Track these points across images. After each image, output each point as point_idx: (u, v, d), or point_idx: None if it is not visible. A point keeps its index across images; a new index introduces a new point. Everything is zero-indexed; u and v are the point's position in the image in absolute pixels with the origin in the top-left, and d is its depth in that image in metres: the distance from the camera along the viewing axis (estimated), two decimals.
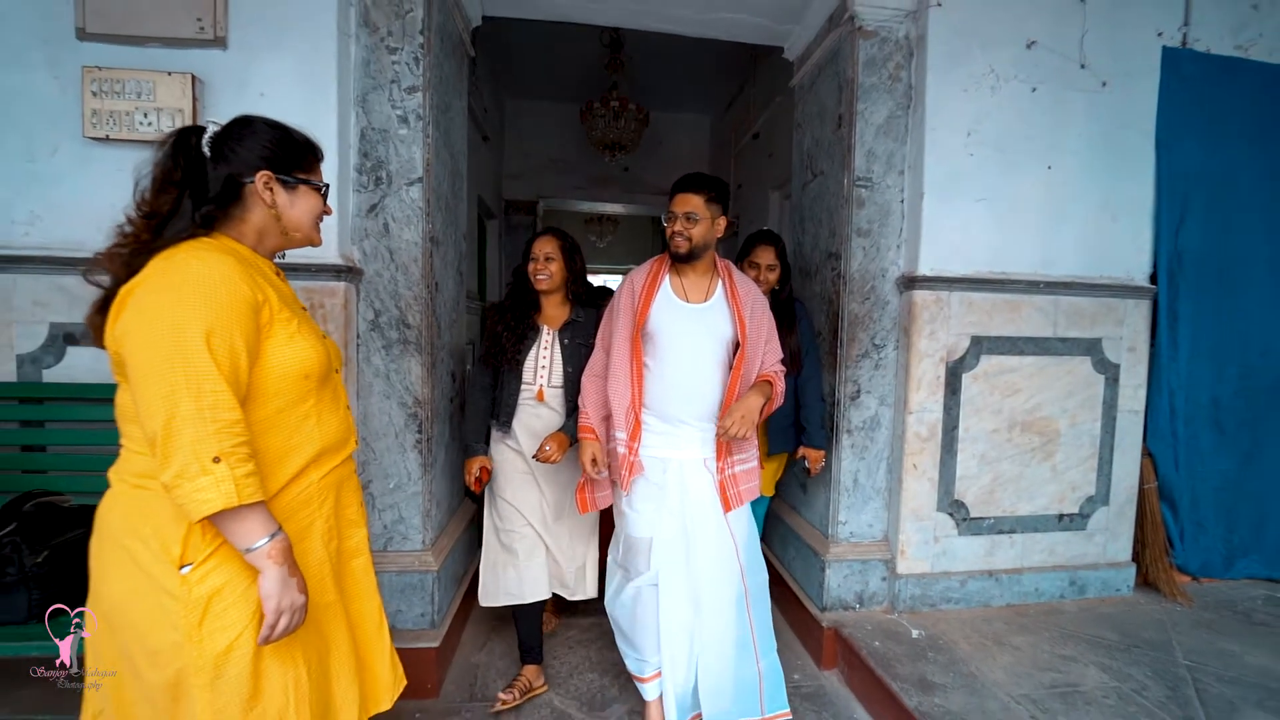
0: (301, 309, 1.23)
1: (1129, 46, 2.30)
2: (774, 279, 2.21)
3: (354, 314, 1.97)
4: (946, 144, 2.19)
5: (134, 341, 0.97)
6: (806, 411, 2.22)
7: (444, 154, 2.19)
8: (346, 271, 1.90)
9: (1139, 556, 2.51)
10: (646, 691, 1.82)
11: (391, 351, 2.01)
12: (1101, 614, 2.32)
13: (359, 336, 1.99)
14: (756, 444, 1.89)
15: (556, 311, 2.07)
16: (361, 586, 1.32)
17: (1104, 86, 2.29)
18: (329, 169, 1.78)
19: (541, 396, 2.01)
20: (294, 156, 1.17)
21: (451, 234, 2.34)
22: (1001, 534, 2.34)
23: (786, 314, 2.20)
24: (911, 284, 2.19)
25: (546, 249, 2.01)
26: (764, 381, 1.77)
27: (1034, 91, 2.24)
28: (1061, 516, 2.39)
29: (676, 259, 1.77)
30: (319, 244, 1.28)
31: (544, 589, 2.03)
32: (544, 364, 2.01)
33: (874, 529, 2.33)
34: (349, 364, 1.94)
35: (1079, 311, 2.32)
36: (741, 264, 2.22)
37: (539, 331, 2.03)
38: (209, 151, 1.10)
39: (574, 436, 1.88)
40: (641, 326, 1.75)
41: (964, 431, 2.27)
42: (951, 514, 2.30)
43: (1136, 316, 2.38)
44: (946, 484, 2.28)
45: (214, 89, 1.86)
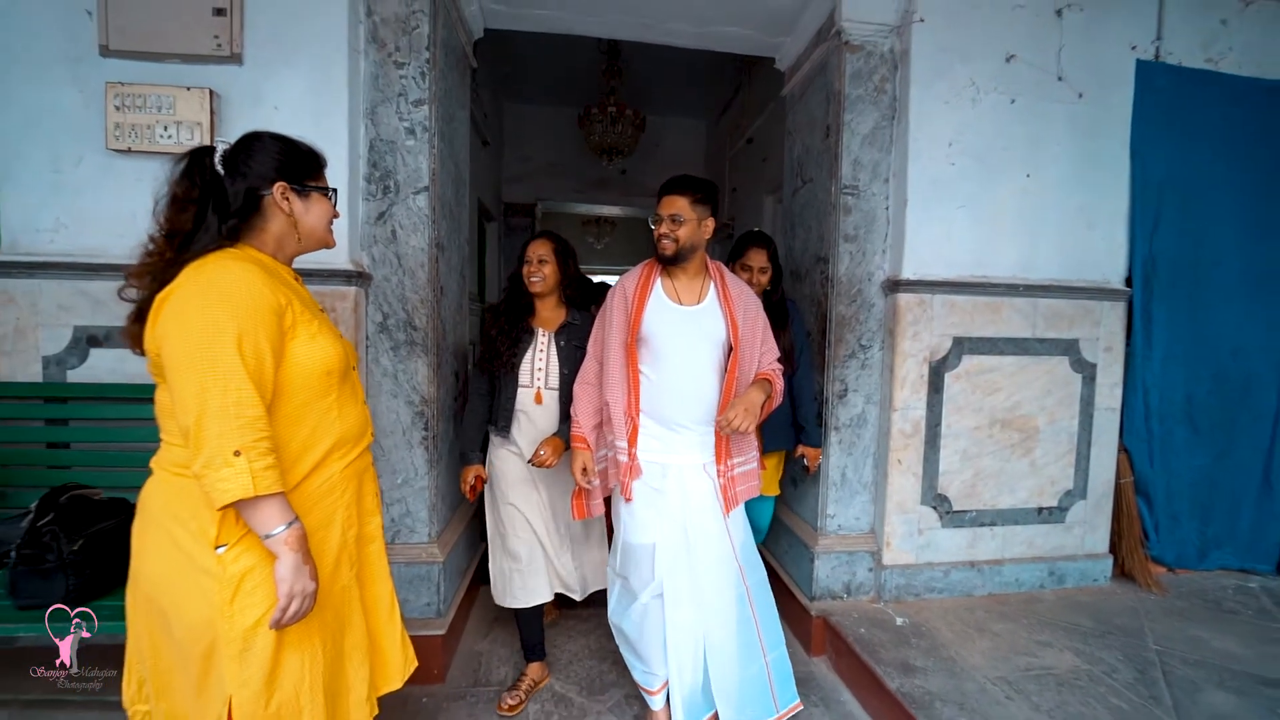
0: (320, 311, 1.32)
1: (1104, 60, 2.41)
2: (765, 281, 2.25)
3: (363, 317, 2.06)
4: (929, 153, 2.29)
5: (170, 344, 1.06)
6: (803, 410, 2.27)
7: (448, 163, 2.28)
8: (356, 276, 2.00)
9: (1116, 548, 2.62)
10: (653, 702, 1.82)
11: (399, 353, 2.11)
12: (1079, 603, 2.42)
13: (368, 338, 2.09)
14: (756, 444, 1.90)
15: (552, 314, 2.08)
16: (375, 571, 1.41)
17: (1080, 98, 2.39)
18: (340, 179, 1.89)
19: (539, 399, 2.01)
20: (304, 166, 1.26)
21: (455, 240, 2.43)
22: (983, 526, 2.45)
23: (779, 314, 2.22)
24: (896, 287, 2.29)
25: (540, 251, 2.03)
26: (763, 379, 1.77)
27: (1013, 103, 2.34)
28: (1041, 510, 2.50)
29: (663, 261, 1.77)
30: (333, 245, 1.36)
31: (545, 593, 2.05)
32: (540, 366, 2.02)
33: (861, 522, 2.43)
34: (358, 364, 2.04)
35: (1057, 313, 2.42)
36: (734, 265, 2.24)
37: (534, 334, 2.04)
38: (223, 169, 1.18)
39: (569, 442, 1.87)
40: (636, 331, 1.74)
41: (947, 428, 2.37)
42: (935, 507, 2.40)
43: (1112, 318, 2.49)
44: (930, 479, 2.38)
45: (230, 103, 1.95)
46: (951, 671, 1.94)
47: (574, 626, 2.50)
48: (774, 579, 2.58)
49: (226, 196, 1.17)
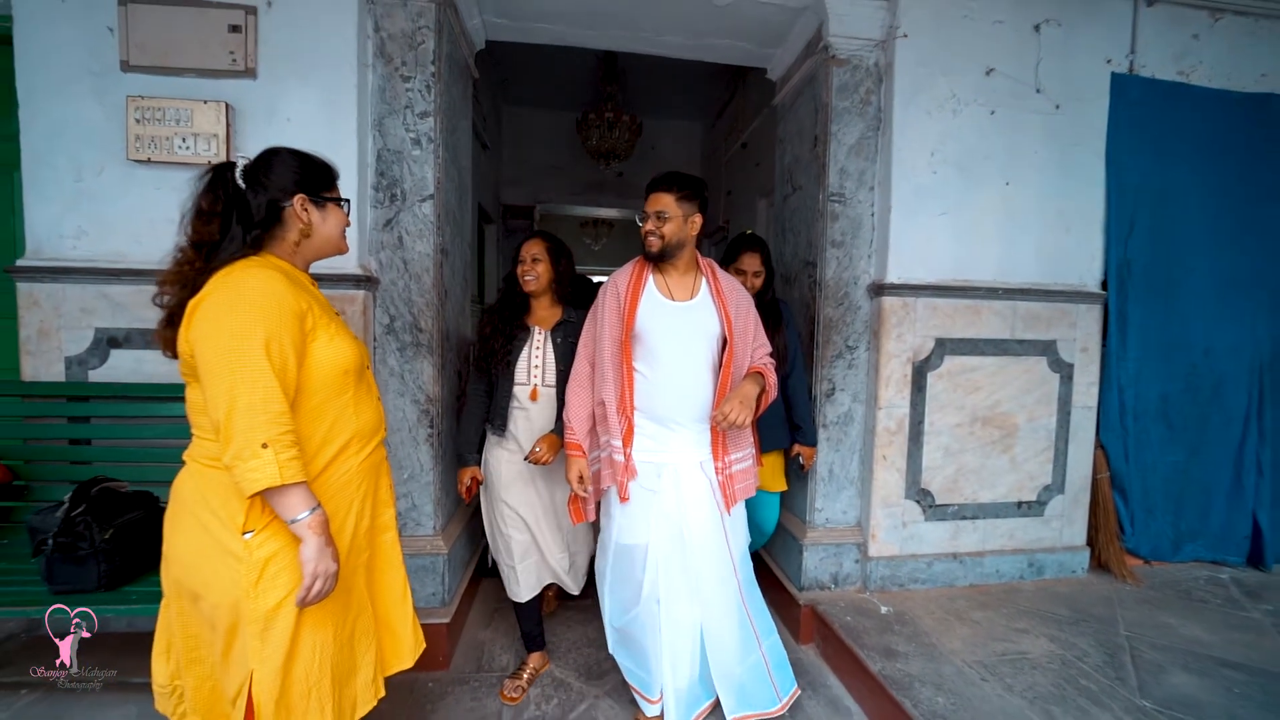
0: (335, 314, 1.42)
1: (1080, 72, 2.51)
2: (759, 284, 2.27)
3: (371, 319, 2.16)
4: (912, 163, 2.39)
5: (203, 347, 1.15)
6: (798, 410, 2.32)
7: (452, 171, 2.38)
8: (365, 280, 2.09)
9: (1093, 541, 2.73)
10: (647, 709, 1.83)
11: (405, 353, 2.20)
12: (1056, 593, 2.53)
13: (375, 340, 2.18)
14: (753, 440, 1.91)
15: (547, 313, 2.10)
16: (389, 558, 1.50)
17: (1057, 109, 2.50)
18: (349, 187, 1.99)
19: (535, 395, 2.04)
20: (320, 178, 1.35)
21: (459, 245, 2.53)
22: (965, 520, 2.56)
23: (772, 315, 2.26)
24: (881, 291, 2.40)
25: (533, 250, 2.05)
26: (754, 373, 1.77)
27: (993, 114, 2.44)
28: (1020, 504, 2.60)
29: (649, 258, 1.78)
30: (346, 251, 1.46)
31: (536, 588, 2.12)
32: (537, 364, 2.04)
33: (848, 515, 2.53)
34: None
35: (1035, 315, 2.53)
36: (727, 269, 2.24)
37: (530, 332, 2.07)
38: (244, 183, 1.27)
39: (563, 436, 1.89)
40: (630, 328, 1.73)
41: (929, 426, 2.48)
42: (918, 501, 2.51)
43: (1089, 320, 2.60)
44: (914, 474, 2.49)
45: (245, 115, 2.04)
46: (931, 656, 2.04)
47: (572, 616, 2.60)
48: (764, 570, 2.70)
49: (250, 208, 1.26)
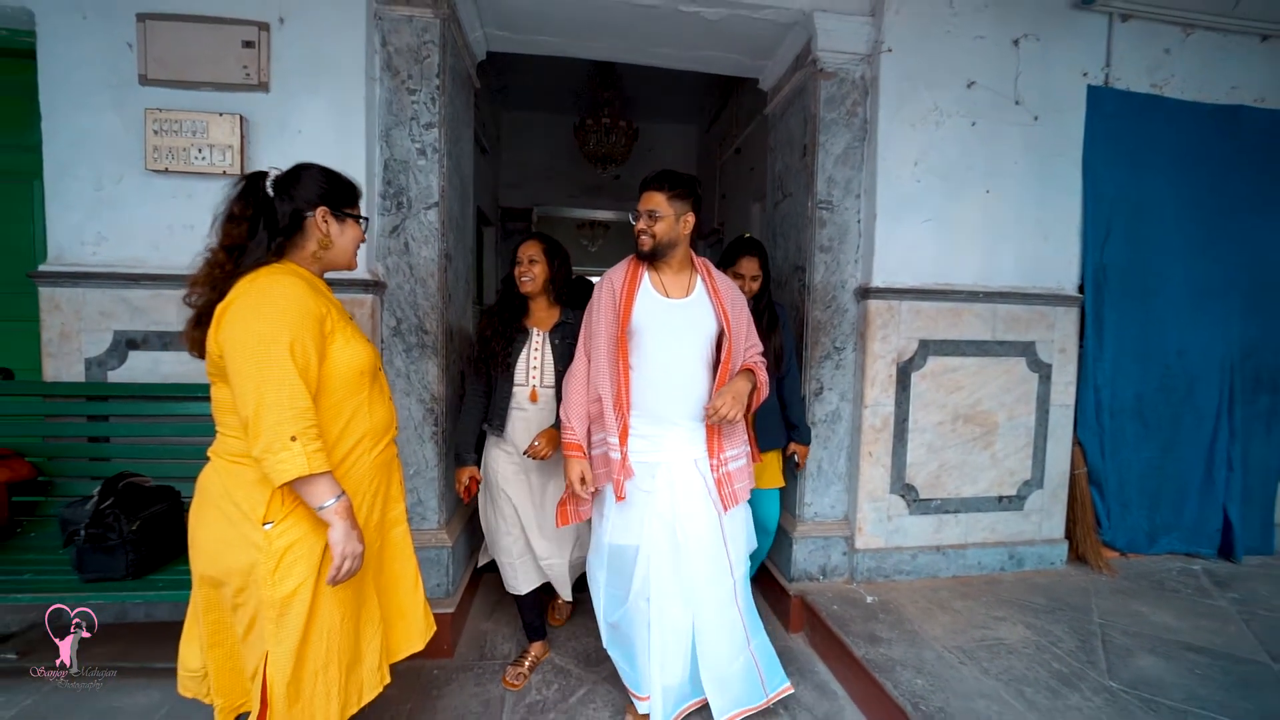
0: (351, 319, 1.51)
1: (1058, 85, 2.62)
2: (756, 288, 2.29)
3: (379, 322, 2.25)
4: (897, 172, 2.50)
5: (231, 349, 1.24)
6: (793, 410, 2.36)
7: (455, 180, 2.47)
8: (373, 285, 2.19)
9: (1071, 534, 2.84)
10: (640, 706, 1.84)
11: (411, 354, 2.30)
12: (1035, 584, 2.64)
13: (383, 341, 2.27)
14: (746, 438, 1.91)
15: (545, 314, 2.13)
16: (401, 550, 1.59)
17: (1036, 120, 2.61)
18: None
19: (534, 396, 2.06)
20: (343, 194, 1.45)
21: (461, 250, 2.63)
22: (947, 514, 2.67)
23: (769, 318, 2.30)
24: (867, 294, 2.50)
25: (530, 252, 2.08)
26: (746, 370, 1.79)
27: (974, 125, 2.55)
28: (1001, 498, 2.72)
29: (641, 257, 1.78)
30: (355, 268, 1.56)
31: (534, 582, 2.19)
32: (535, 365, 2.06)
33: (835, 510, 2.64)
34: None
35: (1015, 318, 2.64)
36: (725, 272, 2.20)
37: (528, 334, 2.09)
38: (273, 192, 1.37)
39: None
40: (626, 324, 1.73)
41: (913, 423, 2.59)
42: (903, 496, 2.61)
43: (1066, 322, 2.71)
44: (898, 470, 2.60)
45: (258, 127, 2.14)
46: (913, 642, 2.15)
47: (572, 608, 2.70)
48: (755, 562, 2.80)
49: (276, 216, 1.35)
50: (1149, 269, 2.79)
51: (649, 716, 1.80)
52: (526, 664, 2.21)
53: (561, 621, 2.53)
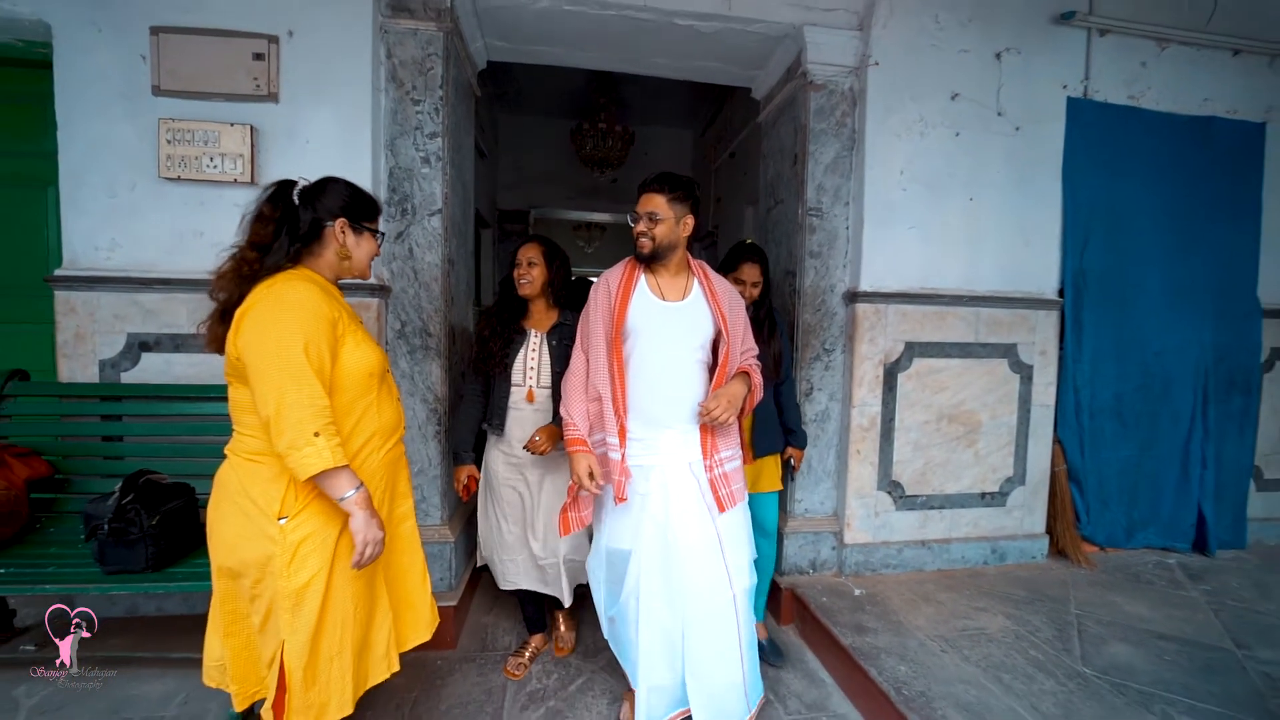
0: (361, 323, 1.59)
1: (1038, 97, 2.73)
2: (756, 294, 2.26)
3: (384, 325, 2.33)
4: (884, 180, 2.60)
5: (251, 351, 1.32)
6: (789, 415, 2.35)
7: (458, 187, 2.55)
8: (379, 289, 2.27)
9: (1051, 529, 2.95)
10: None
11: (415, 356, 2.38)
12: (1016, 576, 2.75)
13: (388, 344, 2.35)
14: (739, 440, 1.90)
15: (543, 316, 2.15)
16: (409, 544, 1.67)
17: (1017, 131, 2.71)
18: None
19: (531, 397, 2.09)
20: (363, 209, 1.53)
21: (463, 254, 2.71)
22: (932, 509, 2.77)
23: (769, 323, 2.27)
24: (855, 298, 2.60)
25: (529, 254, 2.10)
26: (741, 373, 1.78)
27: (957, 136, 2.65)
28: (984, 494, 2.82)
29: (641, 259, 1.77)
30: (369, 278, 1.64)
31: (529, 583, 2.21)
32: (532, 366, 2.09)
33: (825, 506, 2.73)
34: None
35: (997, 321, 2.74)
36: (726, 277, 2.15)
37: (526, 335, 2.12)
38: (298, 199, 1.45)
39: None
40: (621, 326, 1.73)
41: (900, 423, 2.68)
42: (890, 492, 2.71)
43: (1046, 325, 2.81)
44: (885, 467, 2.70)
45: (268, 136, 2.21)
46: (898, 631, 2.25)
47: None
48: None
49: (298, 222, 1.43)
50: (1126, 274, 2.90)
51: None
52: (527, 654, 2.29)
53: (567, 650, 2.37)
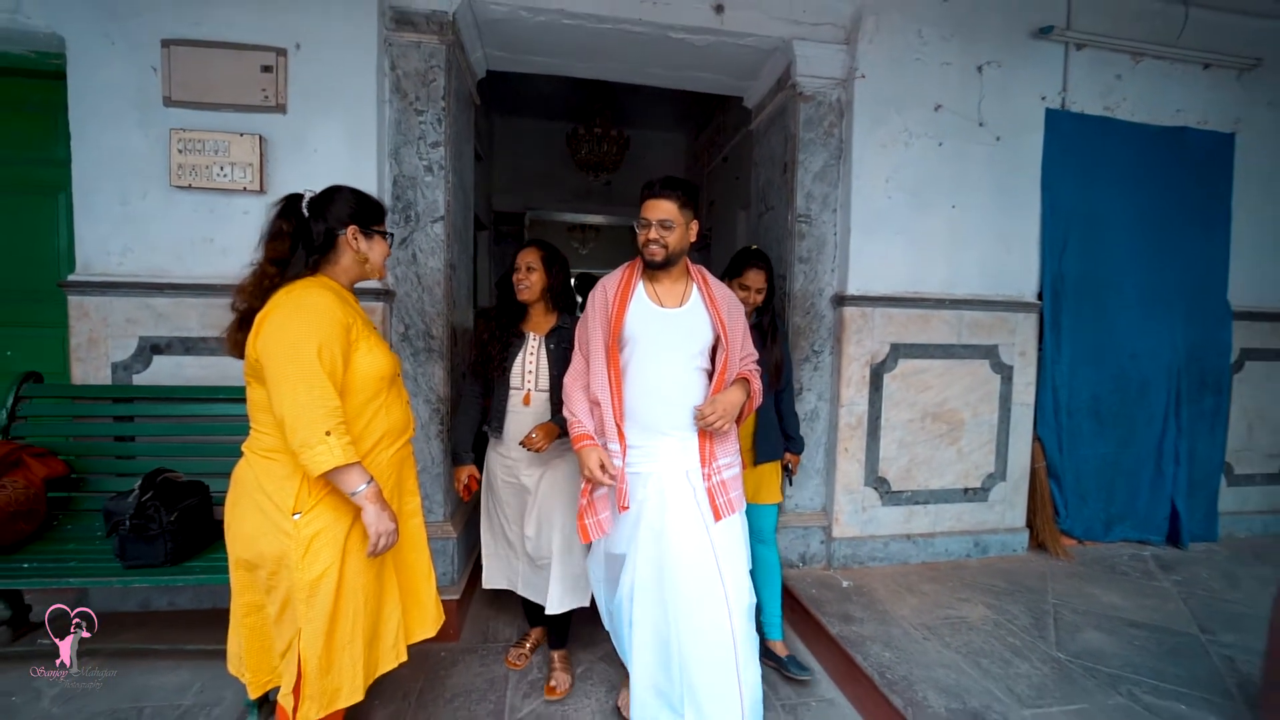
0: (375, 329, 1.66)
1: (1018, 108, 2.84)
2: (761, 300, 2.23)
3: (389, 328, 2.41)
4: (870, 188, 2.70)
5: (269, 353, 1.39)
6: (789, 421, 2.34)
7: (459, 194, 2.63)
8: (384, 294, 2.34)
9: (1032, 523, 3.06)
10: None
11: (419, 358, 2.46)
12: (998, 569, 2.86)
13: (392, 346, 2.42)
14: (738, 447, 1.86)
15: (542, 319, 2.15)
16: (415, 540, 1.73)
17: (998, 141, 2.82)
18: None
19: (528, 400, 2.09)
20: (371, 213, 1.60)
21: (464, 259, 2.79)
22: (917, 504, 2.88)
23: (772, 330, 2.26)
24: (842, 301, 2.70)
25: (528, 259, 2.09)
26: (740, 379, 1.76)
27: (941, 145, 2.76)
28: (966, 490, 2.93)
29: (653, 267, 1.73)
30: (384, 277, 1.71)
31: (524, 588, 2.22)
32: (530, 369, 2.09)
33: (814, 501, 2.84)
34: None
35: (979, 323, 2.86)
36: (731, 283, 2.21)
37: (525, 338, 2.12)
38: (308, 212, 1.53)
39: (563, 428, 1.91)
40: (617, 334, 1.72)
41: (886, 421, 2.79)
42: (876, 488, 2.82)
43: (1026, 327, 2.93)
44: (872, 464, 2.80)
45: (276, 146, 2.28)
46: (883, 621, 2.35)
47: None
48: None
49: (311, 234, 1.51)
50: (1102, 278, 3.02)
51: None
52: (528, 645, 2.38)
53: (561, 693, 2.15)
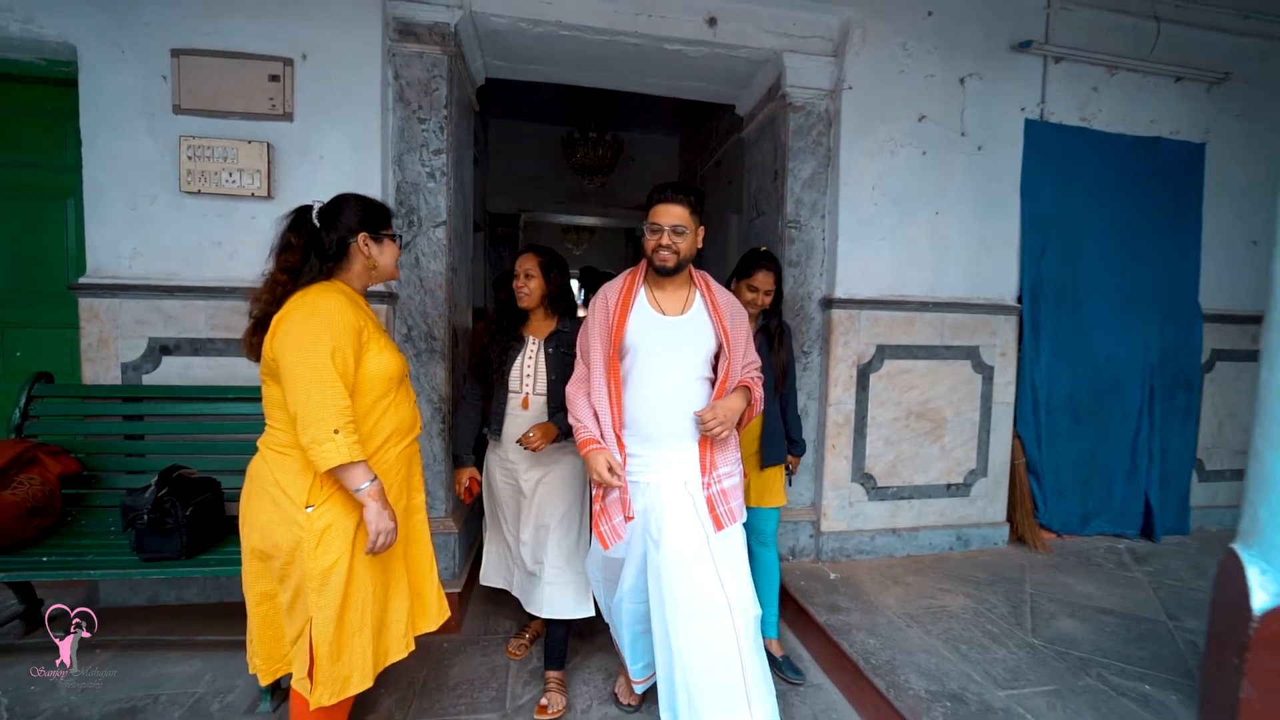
0: (384, 331, 1.74)
1: (999, 119, 2.96)
2: (769, 302, 2.20)
3: (392, 330, 2.48)
4: (857, 195, 2.80)
5: (284, 354, 1.46)
6: (791, 425, 2.32)
7: (460, 199, 2.71)
8: (387, 296, 2.42)
9: (1012, 517, 3.18)
10: (634, 683, 1.97)
11: (421, 359, 2.53)
12: (979, 561, 2.98)
13: None
14: (739, 455, 1.83)
15: (542, 324, 2.16)
16: (420, 536, 1.79)
17: (979, 150, 2.94)
18: None
19: (527, 404, 2.10)
20: (379, 218, 1.67)
21: (465, 263, 2.87)
22: (902, 500, 2.98)
23: (778, 333, 2.24)
24: (830, 304, 2.81)
25: (526, 266, 2.11)
26: (742, 387, 1.73)
27: (924, 154, 2.87)
28: (949, 485, 3.04)
29: (663, 273, 1.69)
30: (398, 278, 1.78)
31: (521, 590, 2.23)
32: (529, 373, 2.10)
33: (804, 497, 2.94)
34: None
35: (961, 325, 2.97)
36: (739, 284, 2.19)
37: (524, 342, 2.14)
38: (318, 222, 1.60)
39: (562, 428, 1.95)
40: (618, 343, 1.69)
41: (872, 419, 2.90)
42: (863, 484, 2.93)
43: (1006, 329, 3.05)
44: (859, 461, 2.91)
45: (283, 153, 2.35)
46: (868, 610, 2.46)
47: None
48: None
49: (323, 243, 1.58)
50: (1079, 282, 3.14)
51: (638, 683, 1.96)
52: (528, 636, 2.46)
53: (555, 715, 2.02)
